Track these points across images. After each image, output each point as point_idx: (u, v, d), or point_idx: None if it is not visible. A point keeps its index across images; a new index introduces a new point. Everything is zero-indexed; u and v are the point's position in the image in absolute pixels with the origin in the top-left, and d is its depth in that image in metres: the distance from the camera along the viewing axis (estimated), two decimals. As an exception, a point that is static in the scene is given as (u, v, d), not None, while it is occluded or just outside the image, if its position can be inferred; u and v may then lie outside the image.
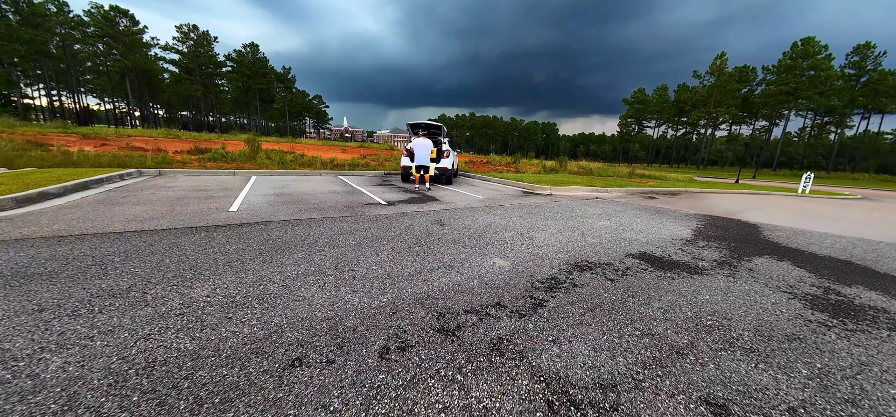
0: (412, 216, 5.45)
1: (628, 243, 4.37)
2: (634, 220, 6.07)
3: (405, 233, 4.36)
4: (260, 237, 3.84)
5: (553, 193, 9.76)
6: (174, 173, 10.09)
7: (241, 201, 6.07)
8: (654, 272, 3.37)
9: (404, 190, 8.73)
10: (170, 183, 7.90)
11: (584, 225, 5.37)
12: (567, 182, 11.89)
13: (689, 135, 78.32)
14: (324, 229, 4.37)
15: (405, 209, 6.05)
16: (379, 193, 8.01)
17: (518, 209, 6.57)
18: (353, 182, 10.05)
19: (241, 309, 2.20)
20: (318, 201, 6.49)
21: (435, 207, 6.47)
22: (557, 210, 6.68)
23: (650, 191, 12.25)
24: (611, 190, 11.08)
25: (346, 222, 4.85)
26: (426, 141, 8.49)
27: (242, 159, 15.81)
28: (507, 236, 4.42)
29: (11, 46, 35.01)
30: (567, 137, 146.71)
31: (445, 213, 5.87)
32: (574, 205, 7.55)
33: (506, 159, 28.76)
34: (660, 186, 13.83)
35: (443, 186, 10.06)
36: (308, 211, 5.47)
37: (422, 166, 8.51)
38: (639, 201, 8.93)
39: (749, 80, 59.98)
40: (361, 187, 8.84)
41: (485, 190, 9.64)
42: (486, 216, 5.72)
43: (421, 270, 3.07)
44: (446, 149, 10.02)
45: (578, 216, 6.13)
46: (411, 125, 9.83)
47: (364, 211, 5.71)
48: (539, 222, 5.40)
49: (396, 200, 7.12)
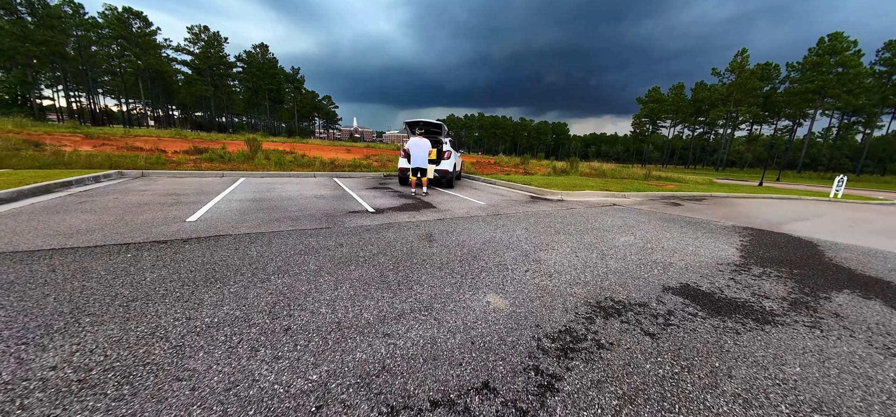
0: (398, 229, 4.64)
1: (663, 270, 3.46)
2: (663, 234, 5.13)
3: (383, 253, 3.55)
4: (198, 259, 3.08)
5: (565, 199, 8.83)
6: (159, 174, 9.53)
7: (208, 207, 5.37)
8: (707, 318, 2.47)
9: (399, 195, 7.93)
10: (145, 186, 7.29)
11: (603, 242, 4.46)
12: (580, 186, 10.92)
13: (707, 135, 75.57)
14: (285, 246, 3.60)
15: (393, 219, 5.25)
16: (370, 198, 7.24)
17: (524, 220, 5.69)
18: (347, 185, 9.31)
19: (73, 401, 1.41)
20: (297, 207, 5.75)
21: (428, 216, 5.65)
22: (570, 221, 5.78)
23: (672, 196, 11.17)
24: (628, 195, 10.08)
25: (318, 236, 4.07)
26: (424, 141, 7.67)
27: (240, 159, 15.33)
28: (508, 258, 3.56)
29: (26, 47, 35.71)
30: (578, 138, 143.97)
31: (439, 224, 5.04)
32: (589, 214, 6.62)
33: (514, 160, 27.74)
34: (680, 189, 12.71)
35: (443, 190, 9.23)
36: (279, 221, 4.72)
37: (419, 169, 7.71)
38: (662, 209, 7.93)
39: (771, 77, 57.39)
40: (353, 191, 8.08)
41: (489, 195, 8.78)
42: (486, 229, 4.86)
43: (386, 315, 2.24)
44: (447, 149, 9.19)
45: (595, 229, 5.22)
46: (409, 124, 9.03)
47: (344, 221, 4.93)
48: (549, 238, 4.52)
49: (386, 206, 6.32)
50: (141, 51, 51.45)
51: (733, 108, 56.59)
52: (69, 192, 6.11)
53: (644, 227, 5.56)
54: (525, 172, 20.20)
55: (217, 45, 58.47)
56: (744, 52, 54.30)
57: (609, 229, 5.30)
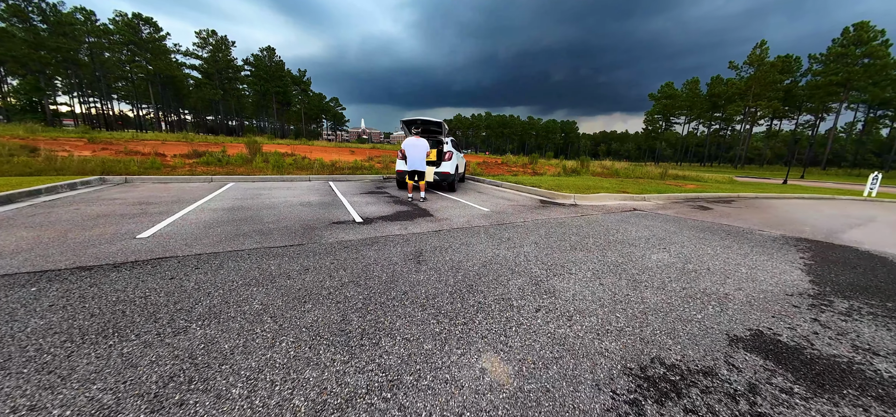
0: (384, 245, 3.90)
1: (719, 306, 2.64)
2: (702, 249, 4.27)
3: (356, 282, 2.82)
4: (113, 296, 2.40)
5: (578, 202, 7.98)
6: (145, 180, 9.03)
7: (173, 219, 4.73)
8: (809, 398, 1.66)
9: (394, 201, 7.21)
10: (120, 194, 6.73)
11: (631, 261, 3.64)
12: (593, 188, 10.03)
13: (723, 131, 72.99)
14: (235, 273, 2.90)
15: (381, 231, 4.52)
16: (361, 205, 6.53)
17: (534, 231, 4.90)
18: (341, 189, 8.64)
19: None
20: (274, 218, 5.07)
21: (423, 226, 4.90)
22: (587, 232, 4.95)
23: (696, 197, 10.19)
24: (648, 197, 9.16)
25: (283, 257, 3.36)
26: (421, 141, 6.93)
27: (238, 162, 14.90)
28: (513, 288, 2.79)
29: (39, 55, 36.32)
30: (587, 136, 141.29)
31: (433, 239, 4.29)
32: (608, 222, 5.78)
33: (522, 160, 26.79)
34: (702, 189, 11.68)
35: (444, 194, 8.48)
36: (246, 236, 4.04)
37: (416, 172, 6.98)
38: (690, 214, 7.02)
39: (792, 70, 54.96)
40: (345, 196, 7.40)
41: (494, 200, 7.99)
42: (489, 245, 4.09)
43: (328, 402, 1.50)
44: (448, 150, 8.42)
45: (619, 243, 4.39)
46: (405, 122, 8.30)
47: (323, 235, 4.22)
48: (563, 257, 3.72)
49: (377, 215, 5.60)
50: (152, 56, 52.11)
51: (752, 102, 54.33)
52: (32, 202, 5.56)
53: (677, 239, 4.70)
54: (534, 172, 19.29)
55: (225, 48, 58.92)
56: (763, 43, 52.05)
57: (635, 242, 4.46)
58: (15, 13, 36.00)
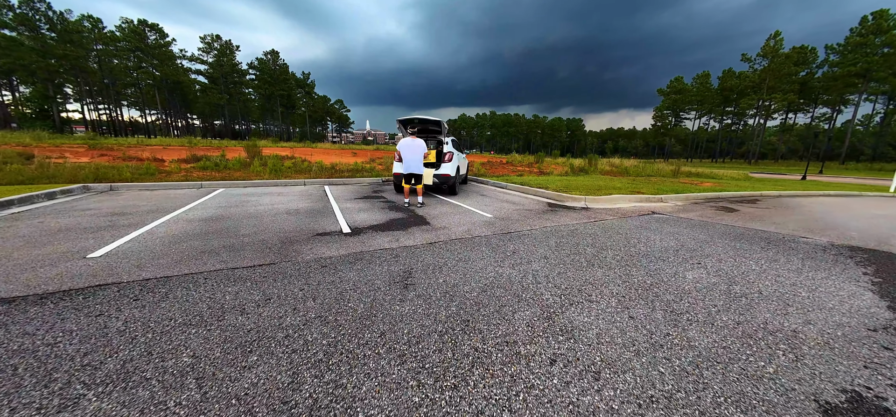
0: (368, 263, 3.35)
1: (792, 352, 2.02)
2: (745, 263, 3.64)
3: (323, 317, 2.27)
4: (6, 346, 1.89)
5: (590, 206, 7.34)
6: (130, 187, 8.64)
7: (138, 234, 4.25)
8: None
9: (390, 206, 6.67)
10: (96, 204, 6.30)
11: (662, 283, 3.03)
12: (604, 188, 9.37)
13: (734, 126, 71.06)
14: (180, 307, 2.37)
15: (368, 245, 3.97)
16: (353, 212, 6.00)
17: (542, 241, 4.30)
18: (335, 194, 8.13)
19: None
20: (253, 230, 4.56)
21: (417, 237, 4.34)
22: (604, 242, 4.34)
23: (716, 197, 9.46)
24: (666, 198, 8.47)
25: (245, 283, 2.83)
26: (417, 141, 6.37)
27: (236, 166, 14.56)
28: (520, 327, 2.21)
29: (46, 63, 36.73)
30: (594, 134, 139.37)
31: (426, 254, 3.72)
32: (626, 229, 5.15)
33: (528, 159, 26.09)
34: (721, 188, 10.92)
35: (444, 197, 7.91)
36: (213, 254, 3.53)
37: (412, 175, 6.43)
38: (716, 217, 6.34)
39: (808, 61, 53.15)
40: (337, 203, 6.88)
41: (498, 203, 7.39)
42: (490, 261, 3.51)
43: None
44: (448, 151, 7.85)
45: (643, 256, 3.77)
46: (401, 121, 7.75)
47: (301, 251, 3.69)
48: (580, 278, 3.12)
49: (368, 224, 5.06)
50: (159, 62, 52.54)
51: (766, 95, 52.65)
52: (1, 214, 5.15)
53: (710, 250, 4.06)
54: (540, 171, 18.62)
55: (229, 53, 59.18)
56: (777, 34, 50.37)
57: (662, 255, 3.83)
58: (22, 22, 36.46)
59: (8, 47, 34.88)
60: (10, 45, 34.86)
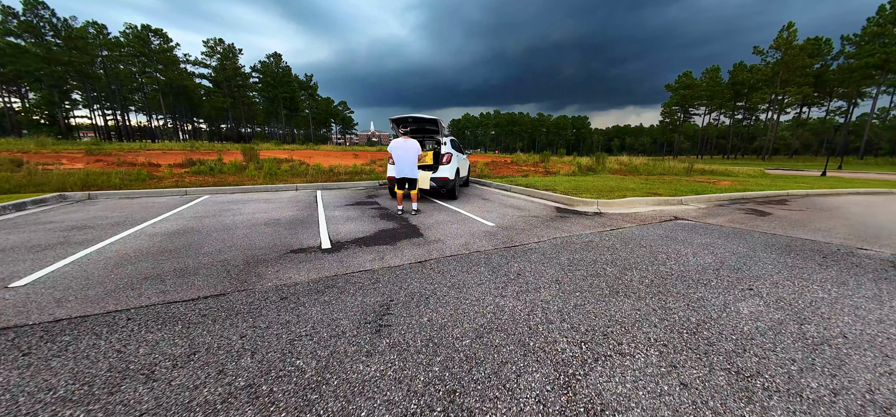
0: (338, 295, 2.73)
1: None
2: (807, 288, 2.94)
3: (255, 387, 1.65)
4: None
5: (604, 210, 6.64)
6: (110, 195, 8.17)
7: (84, 254, 3.69)
8: None
9: (382, 214, 6.05)
10: (63, 215, 5.80)
11: (711, 321, 2.36)
12: (617, 189, 8.64)
13: (746, 121, 69.18)
14: (70, 367, 1.78)
15: (345, 266, 3.35)
16: (339, 221, 5.39)
17: (553, 258, 3.64)
18: (326, 200, 7.54)
19: None
20: (219, 246, 3.98)
21: (405, 255, 3.72)
22: (627, 259, 3.66)
23: (741, 198, 8.68)
24: (686, 200, 7.73)
25: (177, 325, 2.23)
26: (410, 142, 5.74)
27: (231, 170, 14.14)
28: (525, 398, 1.57)
29: (51, 69, 36.93)
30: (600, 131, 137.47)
31: (412, 278, 3.09)
32: (650, 240, 4.46)
33: (533, 158, 25.28)
34: (743, 187, 10.09)
35: (443, 203, 7.27)
36: (161, 279, 2.95)
37: (406, 179, 5.80)
38: (748, 223, 5.61)
39: (823, 53, 51.35)
40: (325, 211, 6.28)
41: (502, 208, 6.73)
42: (490, 289, 2.87)
43: None
44: (447, 152, 7.21)
45: (678, 279, 3.09)
46: (394, 121, 7.11)
47: (263, 276, 3.08)
48: (604, 313, 2.46)
49: (352, 237, 4.44)
50: (163, 67, 52.76)
51: (780, 89, 51.00)
52: (-54, 230, 4.65)
53: (758, 269, 3.36)
54: (546, 171, 17.88)
55: (232, 56, 59.26)
56: (791, 25, 48.70)
57: (701, 276, 3.15)
58: (27, 29, 36.70)
59: (13, 54, 35.11)
60: (14, 52, 35.09)
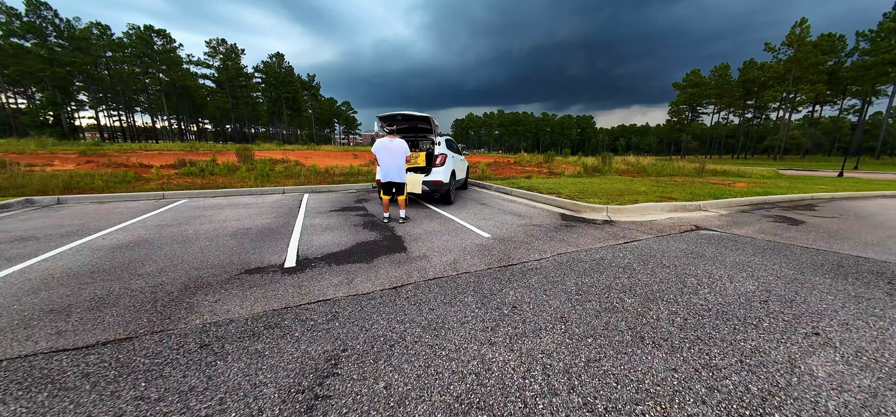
0: (278, 339, 2.11)
1: None
2: (891, 330, 2.26)
3: None
4: None
5: (614, 218, 5.95)
6: (82, 200, 7.65)
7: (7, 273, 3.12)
8: None
9: (366, 222, 5.43)
10: (18, 223, 5.26)
11: (780, 391, 1.70)
12: (627, 193, 7.95)
13: (756, 120, 67.59)
14: None
15: (302, 294, 2.74)
16: (316, 231, 4.78)
17: (558, 283, 2.99)
18: (310, 205, 6.94)
19: None
20: (164, 264, 3.39)
21: (377, 279, 3.09)
22: (648, 284, 3.00)
23: (762, 202, 7.95)
24: (705, 204, 7.03)
25: (23, 399, 1.63)
26: (396, 142, 5.10)
27: (223, 172, 13.68)
28: None
29: (53, 69, 36.92)
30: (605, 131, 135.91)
31: (379, 313, 2.47)
32: (673, 257, 3.79)
33: (537, 158, 24.54)
34: (762, 190, 9.32)
35: (437, 208, 6.63)
36: (65, 314, 2.36)
37: (392, 183, 5.18)
38: (783, 234, 4.90)
39: (836, 50, 49.87)
40: (306, 218, 5.68)
41: (500, 215, 6.08)
42: (476, 329, 2.23)
43: None
44: (441, 153, 6.56)
45: (718, 317, 2.43)
46: (382, 119, 6.47)
47: (195, 309, 2.48)
48: (626, 372, 1.81)
49: (324, 252, 3.83)
50: (167, 68, 52.74)
51: (792, 87, 49.60)
52: None
53: (814, 301, 2.68)
54: (550, 172, 17.17)
55: (235, 57, 59.15)
56: (804, 21, 47.31)
57: (747, 314, 2.48)
58: (30, 30, 36.72)
59: (15, 55, 35.13)
60: (17, 53, 35.10)
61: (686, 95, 65.56)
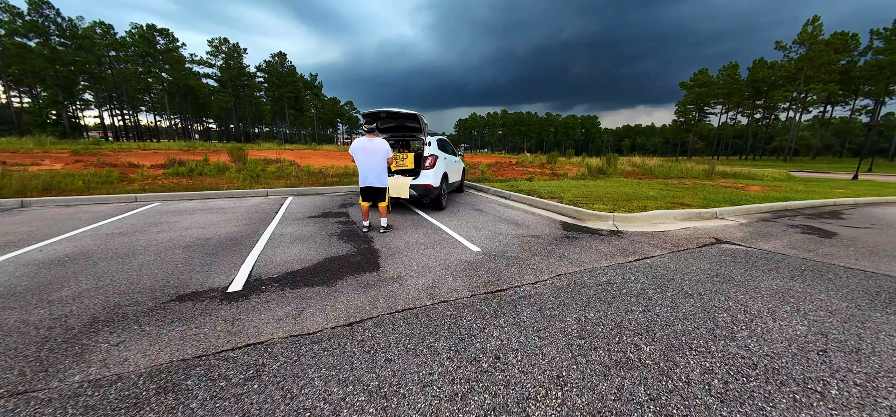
0: (166, 413, 1.54)
1: None
2: None
3: None
4: None
5: (622, 228, 5.33)
6: (47, 203, 7.18)
7: None
8: None
9: (343, 232, 4.87)
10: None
11: None
12: (635, 198, 7.33)
13: (765, 121, 66.19)
14: None
15: (227, 336, 2.18)
16: (283, 243, 4.22)
17: (555, 317, 2.40)
18: (290, 210, 6.40)
19: None
20: (83, 287, 2.85)
21: (333, 310, 2.52)
22: (670, 322, 2.40)
23: (784, 209, 7.29)
24: (721, 212, 6.38)
25: None
26: (376, 142, 4.51)
27: (212, 172, 13.23)
28: None
29: (54, 68, 36.86)
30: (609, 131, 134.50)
31: (315, 370, 1.89)
32: (695, 280, 3.18)
33: (540, 159, 23.85)
34: (781, 195, 8.62)
35: (426, 214, 6.05)
36: None
37: (371, 188, 4.60)
38: (817, 250, 4.26)
39: (849, 49, 48.56)
40: (276, 227, 5.13)
41: (495, 223, 5.49)
42: (437, 396, 1.65)
43: None
44: (431, 154, 5.98)
45: (772, 382, 1.83)
46: (365, 116, 5.89)
47: (82, 356, 1.92)
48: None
49: (280, 272, 3.26)
50: (170, 67, 52.67)
51: (803, 87, 48.35)
52: None
53: (889, 354, 2.08)
54: (552, 173, 16.53)
55: (237, 56, 59.00)
56: (816, 19, 46.08)
57: (808, 374, 1.89)
58: (32, 28, 36.70)
59: (18, 54, 35.09)
60: (19, 52, 35.06)
61: (693, 94, 64.38)
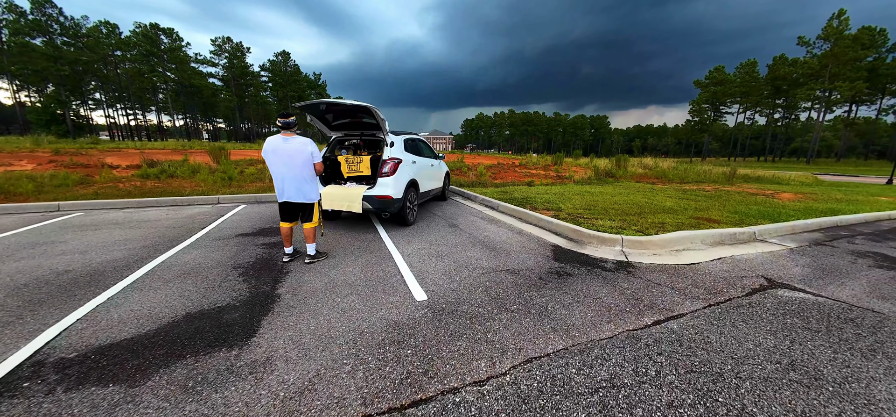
0: None
1: None
2: None
3: None
4: None
5: (634, 259, 4.01)
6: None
7: None
8: None
9: (254, 263, 3.69)
10: None
11: None
12: (648, 210, 5.99)
13: (783, 121, 63.19)
14: None
15: None
16: (154, 281, 3.06)
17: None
18: (225, 224, 5.26)
19: None
20: None
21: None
22: None
23: (836, 225, 5.87)
24: (762, 233, 5.01)
25: None
26: (294, 143, 3.26)
27: (186, 174, 12.34)
28: None
29: (58, 68, 36.87)
30: (620, 131, 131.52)
31: None
32: (762, 378, 1.89)
33: (545, 160, 22.40)
34: (826, 207, 7.13)
35: (385, 232, 4.83)
36: None
37: (288, 205, 3.39)
38: (921, 300, 2.92)
39: (877, 44, 45.68)
40: (179, 251, 3.98)
41: (468, 247, 4.24)
42: None
43: None
44: (391, 157, 4.74)
45: None
46: (303, 108, 4.63)
47: None
48: None
49: (97, 342, 2.08)
50: (175, 67, 52.66)
51: (828, 84, 45.66)
52: None
53: None
54: (557, 176, 15.14)
55: (240, 55, 58.80)
56: (842, 14, 43.43)
57: None
58: (35, 27, 36.77)
59: (20, 53, 35.14)
60: (21, 51, 35.11)
61: (709, 93, 61.76)
